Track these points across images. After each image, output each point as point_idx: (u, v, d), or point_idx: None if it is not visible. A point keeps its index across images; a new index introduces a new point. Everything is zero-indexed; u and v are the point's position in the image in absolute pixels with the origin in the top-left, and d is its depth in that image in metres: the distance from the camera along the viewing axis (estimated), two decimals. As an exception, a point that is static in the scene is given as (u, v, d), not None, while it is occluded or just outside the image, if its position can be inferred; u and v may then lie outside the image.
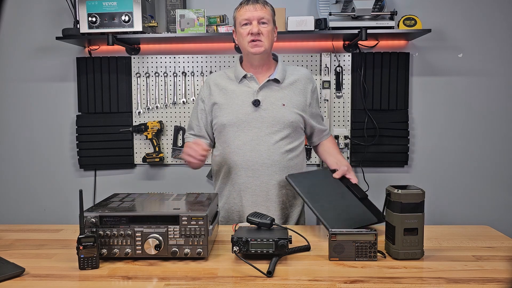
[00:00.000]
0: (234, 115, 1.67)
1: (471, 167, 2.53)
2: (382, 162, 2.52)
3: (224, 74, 1.77)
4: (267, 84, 1.69)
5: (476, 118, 2.51)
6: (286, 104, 1.67)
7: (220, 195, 1.74)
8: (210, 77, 1.80)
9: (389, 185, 1.25)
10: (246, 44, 1.64)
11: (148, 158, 2.50)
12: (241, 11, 1.66)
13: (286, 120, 1.66)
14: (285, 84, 1.71)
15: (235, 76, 1.73)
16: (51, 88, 2.59)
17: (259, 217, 1.30)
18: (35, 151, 2.62)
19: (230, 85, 1.72)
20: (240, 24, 1.66)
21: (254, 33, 1.61)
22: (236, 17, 1.69)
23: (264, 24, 1.63)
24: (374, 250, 1.20)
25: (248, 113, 1.66)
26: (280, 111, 1.66)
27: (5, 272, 1.12)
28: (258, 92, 1.67)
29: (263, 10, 1.63)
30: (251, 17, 1.62)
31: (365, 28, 2.17)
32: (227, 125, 1.67)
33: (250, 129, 1.66)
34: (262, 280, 1.09)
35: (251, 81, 1.70)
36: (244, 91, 1.69)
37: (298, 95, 1.71)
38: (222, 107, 1.69)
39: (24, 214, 2.63)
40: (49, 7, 2.53)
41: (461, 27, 2.47)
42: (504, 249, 1.32)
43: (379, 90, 2.48)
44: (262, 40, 1.62)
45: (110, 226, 1.21)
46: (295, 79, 1.73)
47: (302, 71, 1.77)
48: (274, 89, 1.69)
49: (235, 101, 1.68)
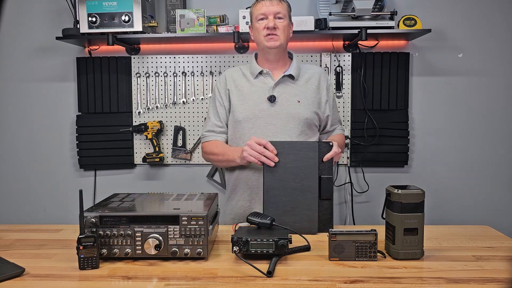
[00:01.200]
0: (250, 111, 1.67)
1: (471, 167, 2.53)
2: (382, 162, 2.52)
3: (240, 71, 1.78)
4: (282, 80, 1.69)
5: (476, 118, 2.51)
6: (301, 101, 1.69)
7: (233, 190, 1.74)
8: (227, 72, 1.80)
9: (389, 185, 1.25)
10: (262, 38, 1.65)
11: (148, 158, 2.50)
12: (258, 6, 1.67)
13: (301, 117, 1.67)
14: (300, 81, 1.72)
15: (250, 72, 1.74)
16: (51, 88, 2.59)
17: (259, 217, 1.30)
18: (35, 151, 2.62)
19: (245, 82, 1.73)
20: (256, 19, 1.67)
21: (270, 27, 1.62)
22: (253, 12, 1.70)
23: (280, 19, 1.65)
24: (374, 250, 1.20)
25: (263, 109, 1.67)
26: (295, 108, 1.67)
27: (5, 272, 1.12)
28: (273, 88, 1.68)
29: (279, 5, 1.65)
30: (267, 12, 1.64)
31: (365, 28, 2.17)
32: (243, 121, 1.68)
33: (266, 125, 1.66)
34: (262, 280, 1.09)
35: (266, 77, 1.71)
36: (260, 87, 1.70)
37: (313, 92, 1.72)
38: (237, 103, 1.70)
39: (24, 214, 2.63)
40: (49, 7, 2.53)
41: (461, 27, 2.47)
42: (504, 249, 1.32)
43: (379, 90, 2.48)
44: (278, 34, 1.64)
45: (110, 226, 1.21)
46: (309, 77, 1.74)
47: (317, 69, 1.78)
48: (289, 85, 1.70)
49: (250, 97, 1.69)
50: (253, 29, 1.72)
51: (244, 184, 1.69)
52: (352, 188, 2.54)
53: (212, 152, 1.73)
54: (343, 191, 2.58)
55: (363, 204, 2.57)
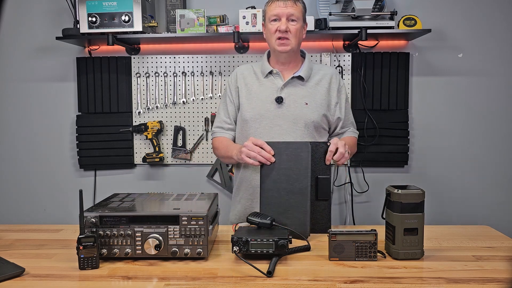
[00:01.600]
0: (257, 111, 1.67)
1: (471, 167, 2.53)
2: (382, 162, 2.52)
3: (251, 68, 1.77)
4: (291, 81, 1.68)
5: (476, 118, 2.51)
6: (309, 103, 1.67)
7: (238, 189, 1.74)
8: (239, 69, 1.79)
9: (389, 185, 1.25)
10: (273, 41, 1.64)
11: (148, 158, 2.50)
12: (272, 6, 1.64)
13: (308, 120, 1.65)
14: (310, 83, 1.70)
15: (261, 71, 1.73)
16: (51, 88, 2.59)
17: (259, 217, 1.30)
18: (35, 151, 2.62)
19: (255, 80, 1.72)
20: (269, 19, 1.65)
21: (282, 30, 1.60)
22: (266, 12, 1.67)
23: (293, 21, 1.62)
24: (374, 250, 1.20)
25: (270, 110, 1.66)
26: (302, 110, 1.65)
27: (5, 272, 1.12)
28: (282, 89, 1.67)
29: (293, 7, 1.62)
30: (281, 14, 1.61)
31: (365, 28, 2.17)
32: (249, 121, 1.67)
33: (272, 126, 1.65)
34: (262, 280, 1.09)
35: (276, 78, 1.70)
36: (268, 87, 1.69)
37: (323, 95, 1.69)
38: (245, 102, 1.69)
39: (24, 214, 2.63)
40: (49, 7, 2.53)
41: (461, 27, 2.47)
42: (504, 249, 1.32)
43: (379, 90, 2.48)
44: (289, 38, 1.62)
45: (110, 226, 1.21)
46: (320, 78, 1.71)
47: (328, 70, 1.75)
48: (298, 87, 1.68)
49: (258, 97, 1.68)
50: (266, 28, 1.69)
51: (247, 183, 1.69)
52: (352, 188, 2.54)
53: (217, 147, 1.75)
54: (343, 191, 2.58)
55: (363, 204, 2.57)
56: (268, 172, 1.44)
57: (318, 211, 1.45)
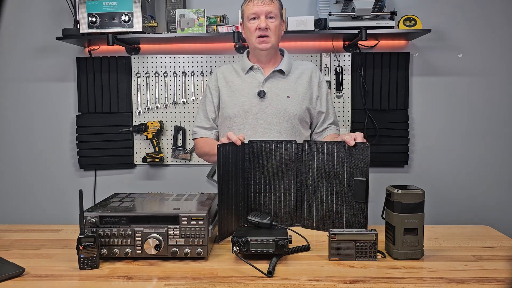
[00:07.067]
0: (240, 106, 1.68)
1: (471, 167, 2.53)
2: (382, 162, 2.52)
3: (231, 67, 1.79)
4: (272, 75, 1.70)
5: (476, 118, 2.51)
6: (291, 97, 1.68)
7: None
8: (219, 69, 1.82)
9: (389, 185, 1.25)
10: (253, 39, 1.65)
11: (148, 158, 2.50)
12: (249, 5, 1.66)
13: (291, 113, 1.67)
14: (291, 77, 1.72)
15: (241, 68, 1.74)
16: (51, 88, 2.59)
17: (259, 217, 1.30)
18: (35, 151, 2.62)
19: (236, 78, 1.73)
20: (248, 18, 1.66)
21: (262, 28, 1.62)
22: (244, 11, 1.69)
23: (272, 19, 1.64)
24: (374, 250, 1.20)
25: (253, 104, 1.67)
26: (285, 103, 1.67)
27: (5, 272, 1.12)
28: (263, 84, 1.69)
29: (271, 4, 1.64)
30: (259, 12, 1.63)
31: (365, 28, 2.17)
32: (233, 117, 1.68)
33: (256, 120, 1.66)
34: (262, 280, 1.09)
35: (257, 73, 1.71)
36: (250, 82, 1.70)
37: (304, 88, 1.71)
38: (227, 99, 1.71)
39: (24, 214, 2.63)
40: (49, 7, 2.53)
41: (461, 27, 2.47)
42: (504, 249, 1.31)
43: (379, 90, 2.48)
44: (269, 35, 1.64)
45: (110, 226, 1.21)
46: (301, 72, 1.74)
47: (308, 65, 1.78)
48: (280, 81, 1.70)
49: (240, 93, 1.70)
50: (244, 28, 1.71)
51: None
52: (352, 188, 2.54)
53: (204, 152, 1.75)
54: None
55: (363, 204, 2.57)
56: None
57: (355, 213, 1.41)
